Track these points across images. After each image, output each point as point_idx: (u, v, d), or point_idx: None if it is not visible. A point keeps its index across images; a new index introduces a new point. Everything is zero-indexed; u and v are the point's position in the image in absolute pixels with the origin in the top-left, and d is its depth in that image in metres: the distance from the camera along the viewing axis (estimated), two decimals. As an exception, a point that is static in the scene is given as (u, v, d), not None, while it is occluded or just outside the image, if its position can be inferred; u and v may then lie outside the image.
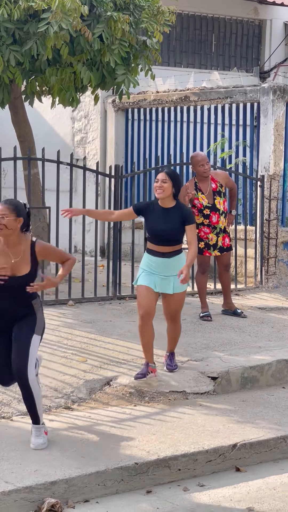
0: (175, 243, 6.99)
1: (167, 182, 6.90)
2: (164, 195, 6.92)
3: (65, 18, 8.06)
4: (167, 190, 6.91)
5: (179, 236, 7.00)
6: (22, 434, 5.78)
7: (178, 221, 6.93)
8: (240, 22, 16.86)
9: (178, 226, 6.93)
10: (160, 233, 6.92)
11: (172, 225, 6.91)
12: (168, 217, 6.93)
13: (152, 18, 9.07)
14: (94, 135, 13.69)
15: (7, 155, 9.00)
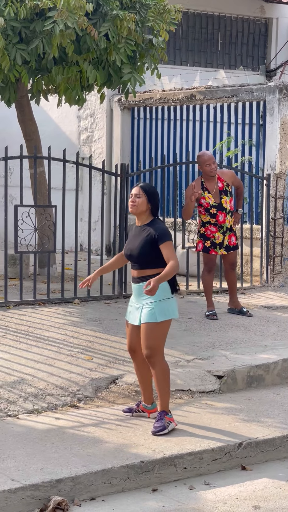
0: (144, 267, 6.00)
1: (141, 197, 6.04)
2: (137, 211, 6.06)
3: (71, 16, 8.07)
4: (141, 205, 6.04)
5: (148, 258, 5.97)
6: (28, 432, 5.79)
7: (147, 240, 5.98)
8: (246, 20, 16.85)
9: (147, 246, 5.97)
10: (128, 253, 6.11)
11: (139, 244, 6.01)
12: (139, 236, 6.06)
13: (158, 16, 9.07)
14: (100, 133, 13.69)
15: (13, 154, 9.02)
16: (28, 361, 7.09)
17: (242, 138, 11.58)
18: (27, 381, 6.71)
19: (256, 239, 10.80)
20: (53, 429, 5.88)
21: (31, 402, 6.41)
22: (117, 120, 13.46)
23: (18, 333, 7.78)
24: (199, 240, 9.05)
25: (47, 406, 6.40)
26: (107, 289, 9.61)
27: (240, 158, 11.43)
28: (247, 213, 11.17)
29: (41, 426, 5.96)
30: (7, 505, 4.80)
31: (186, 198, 8.81)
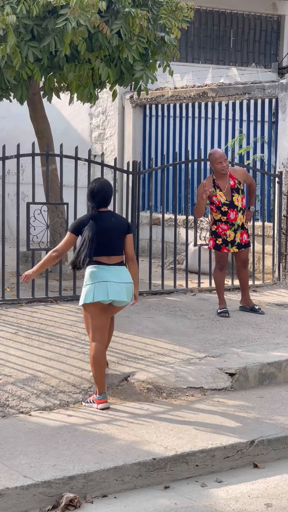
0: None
1: None
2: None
3: (83, 14, 8.08)
4: None
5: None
6: (40, 429, 5.81)
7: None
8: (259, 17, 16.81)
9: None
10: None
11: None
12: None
13: (170, 14, 9.07)
14: (112, 131, 13.70)
15: (26, 151, 9.03)
16: (40, 358, 7.10)
17: (254, 135, 11.56)
18: (39, 378, 6.72)
19: (268, 236, 10.78)
20: (65, 426, 5.89)
21: (43, 399, 6.42)
22: (129, 117, 13.45)
23: (30, 330, 7.80)
24: (210, 238, 9.05)
25: (59, 403, 6.41)
26: (119, 286, 9.60)
27: (252, 156, 11.41)
28: (259, 211, 11.15)
29: (53, 423, 5.97)
30: (19, 501, 4.81)
31: (198, 196, 8.80)
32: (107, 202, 6.49)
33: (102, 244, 6.35)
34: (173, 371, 7.02)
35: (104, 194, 6.46)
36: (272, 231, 10.79)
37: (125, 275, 6.42)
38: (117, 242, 6.44)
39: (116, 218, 6.57)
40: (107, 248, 6.37)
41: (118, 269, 6.40)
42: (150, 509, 4.89)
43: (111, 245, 6.39)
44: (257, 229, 10.74)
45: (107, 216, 6.46)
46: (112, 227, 6.41)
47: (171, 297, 9.50)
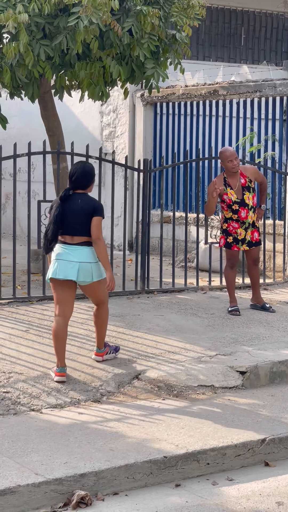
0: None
1: None
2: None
3: (95, 12, 8.07)
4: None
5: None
6: (51, 427, 5.82)
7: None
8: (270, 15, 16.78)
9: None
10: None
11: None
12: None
13: (182, 12, 9.05)
14: (123, 129, 13.70)
15: (36, 149, 9.04)
16: (51, 356, 7.11)
17: (265, 133, 11.55)
18: (50, 376, 6.73)
19: (279, 234, 10.76)
20: (76, 424, 5.90)
21: (54, 397, 6.44)
22: (140, 115, 13.46)
23: (41, 328, 7.81)
24: (221, 236, 9.05)
25: (70, 401, 6.42)
26: (129, 284, 9.62)
27: (263, 154, 11.40)
28: (270, 209, 11.13)
29: (64, 420, 5.98)
30: (30, 499, 4.82)
31: (208, 194, 8.80)
32: (80, 185, 6.86)
33: (66, 224, 6.75)
34: (184, 369, 7.02)
35: (78, 176, 6.86)
36: (283, 229, 10.77)
37: (85, 255, 6.74)
38: (81, 223, 6.75)
39: (84, 200, 6.83)
40: (70, 228, 6.75)
41: (79, 248, 6.75)
42: (161, 507, 4.90)
43: (73, 226, 6.75)
44: (268, 227, 10.72)
45: (76, 198, 6.81)
46: (77, 209, 6.76)
47: (182, 295, 9.50)
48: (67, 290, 6.78)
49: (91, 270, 6.74)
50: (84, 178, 6.88)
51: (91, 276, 6.75)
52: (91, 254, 6.78)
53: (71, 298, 6.85)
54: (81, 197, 6.85)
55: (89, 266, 6.73)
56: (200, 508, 4.89)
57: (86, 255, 6.75)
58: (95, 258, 6.79)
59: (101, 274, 6.83)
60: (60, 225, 6.73)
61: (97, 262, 6.79)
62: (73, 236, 6.77)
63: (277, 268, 10.74)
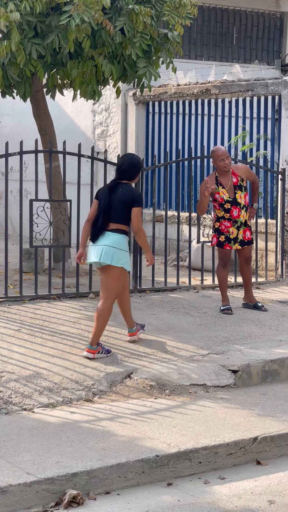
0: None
1: None
2: None
3: (87, 11, 8.07)
4: None
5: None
6: (43, 426, 5.81)
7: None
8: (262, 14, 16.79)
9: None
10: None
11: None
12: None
13: (174, 11, 9.05)
14: (115, 128, 13.69)
15: (28, 148, 9.03)
16: (43, 355, 7.11)
17: (257, 132, 11.56)
18: (42, 375, 6.73)
19: (271, 233, 10.77)
20: (68, 423, 5.90)
21: (46, 396, 6.43)
22: (132, 114, 13.45)
23: (33, 327, 7.80)
24: (213, 235, 9.05)
25: (62, 400, 6.42)
26: (121, 283, 9.60)
27: (255, 153, 11.41)
28: (262, 208, 11.14)
29: (56, 420, 5.98)
30: (22, 498, 4.82)
31: (200, 193, 8.80)
32: (127, 176, 7.27)
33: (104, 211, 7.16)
34: (176, 368, 7.02)
35: (126, 168, 7.28)
36: (275, 228, 10.78)
37: (113, 240, 7.12)
38: (119, 211, 7.15)
39: (124, 190, 7.22)
40: (109, 216, 7.16)
41: (111, 234, 7.15)
42: (153, 506, 4.90)
43: (112, 213, 7.15)
44: (260, 226, 10.73)
45: (118, 187, 7.23)
46: (117, 197, 7.18)
47: (174, 294, 9.50)
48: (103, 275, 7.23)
49: (113, 254, 7.10)
50: (131, 170, 7.30)
51: (111, 259, 7.09)
52: (120, 241, 7.15)
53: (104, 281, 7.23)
54: (122, 186, 7.24)
55: (112, 250, 7.10)
56: (192, 507, 4.90)
57: (114, 240, 7.13)
58: (122, 245, 7.16)
59: (122, 263, 7.15)
60: (108, 215, 7.14)
61: (122, 250, 7.15)
62: (110, 223, 7.17)
63: (269, 267, 10.75)
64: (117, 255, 7.10)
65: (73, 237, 9.46)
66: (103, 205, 7.17)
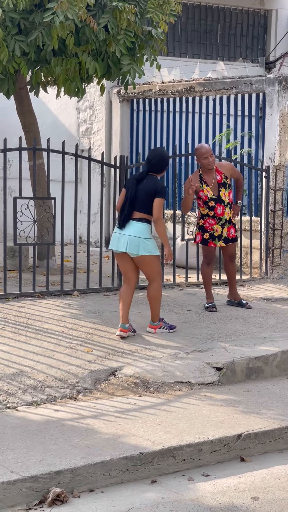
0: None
1: None
2: None
3: (71, 8, 8.05)
4: None
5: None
6: (27, 424, 5.80)
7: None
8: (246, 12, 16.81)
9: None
10: None
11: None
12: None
13: (158, 8, 9.04)
14: (99, 125, 13.67)
15: (12, 146, 9.00)
16: (27, 353, 7.09)
17: (241, 130, 11.57)
18: (26, 373, 6.71)
19: (255, 231, 10.80)
20: (52, 421, 5.89)
21: (30, 394, 6.42)
22: (116, 112, 13.43)
23: (17, 325, 7.78)
24: (198, 232, 9.05)
25: (46, 398, 6.40)
26: (106, 281, 9.61)
27: (240, 150, 11.42)
28: (246, 205, 11.16)
29: (40, 418, 5.97)
30: (6, 497, 4.80)
31: (184, 191, 8.81)
32: (155, 169, 7.72)
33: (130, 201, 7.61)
34: (161, 365, 7.02)
35: (155, 162, 7.70)
36: (259, 225, 10.80)
37: (137, 230, 7.57)
38: (143, 201, 7.59)
39: (149, 181, 7.66)
40: (133, 205, 7.60)
41: (135, 223, 7.60)
42: (137, 503, 4.90)
43: (137, 203, 7.59)
44: (244, 223, 10.75)
45: (144, 178, 7.67)
46: (142, 187, 7.61)
47: (159, 292, 9.49)
48: (125, 261, 7.70)
49: (138, 244, 7.53)
50: (160, 164, 7.73)
51: (138, 249, 7.54)
52: (144, 230, 7.60)
53: (131, 268, 7.73)
54: (148, 178, 7.69)
55: (137, 240, 7.54)
56: (176, 504, 4.90)
57: (138, 230, 7.57)
58: (146, 234, 7.59)
59: (150, 251, 7.59)
60: (133, 204, 7.59)
61: (147, 238, 7.58)
62: (135, 212, 7.61)
63: (253, 264, 10.77)
64: (143, 244, 7.55)
65: (57, 235, 9.45)
66: (130, 194, 7.61)
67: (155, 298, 7.80)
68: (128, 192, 7.65)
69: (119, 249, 7.62)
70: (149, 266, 7.69)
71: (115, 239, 7.66)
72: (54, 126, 13.72)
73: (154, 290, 7.79)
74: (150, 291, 7.81)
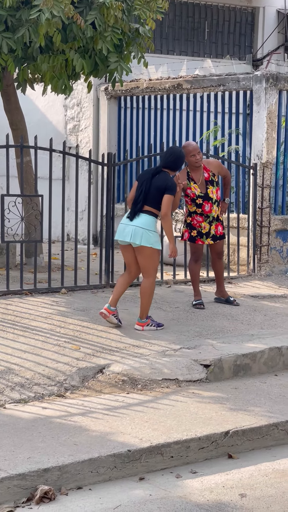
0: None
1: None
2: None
3: (56, 5, 8.02)
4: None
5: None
6: (15, 422, 5.79)
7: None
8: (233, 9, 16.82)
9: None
10: None
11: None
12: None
13: (145, 5, 9.03)
14: (87, 123, 13.66)
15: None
16: (15, 351, 7.08)
17: (229, 127, 11.58)
18: (13, 370, 6.70)
19: (243, 228, 10.81)
20: (40, 419, 5.88)
21: (18, 392, 6.41)
22: (104, 109, 13.42)
23: (4, 323, 7.77)
24: (185, 230, 9.06)
25: (34, 395, 6.40)
26: (94, 278, 9.60)
27: (227, 148, 11.43)
28: (234, 203, 11.17)
29: (28, 415, 5.96)
30: (-6, 494, 4.80)
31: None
32: (170, 167, 7.90)
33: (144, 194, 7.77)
34: (148, 363, 7.03)
35: (171, 159, 7.89)
36: (247, 223, 10.82)
37: (143, 221, 7.70)
38: (153, 195, 7.75)
39: (160, 177, 7.83)
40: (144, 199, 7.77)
41: (142, 215, 7.74)
42: (125, 501, 4.90)
43: (147, 197, 7.76)
44: (232, 221, 10.76)
45: (156, 174, 7.84)
46: (153, 182, 7.79)
47: (146, 289, 9.48)
48: (129, 252, 7.84)
49: (142, 235, 7.64)
50: (175, 162, 7.93)
51: (140, 239, 7.65)
52: (149, 222, 7.72)
53: (133, 259, 7.85)
54: (161, 174, 7.87)
55: (141, 231, 7.65)
56: (163, 501, 4.90)
57: (144, 221, 7.70)
58: (151, 226, 7.72)
59: (151, 243, 7.69)
60: (146, 197, 7.76)
61: (151, 230, 7.69)
62: (145, 205, 7.76)
63: (241, 261, 10.78)
64: (146, 236, 7.65)
65: (44, 232, 9.43)
66: (145, 187, 7.77)
67: (148, 294, 7.84)
68: (143, 186, 7.79)
69: (125, 239, 7.73)
70: (147, 259, 7.74)
71: (121, 230, 7.79)
72: (41, 124, 13.69)
73: (148, 286, 7.83)
74: (143, 286, 7.85)
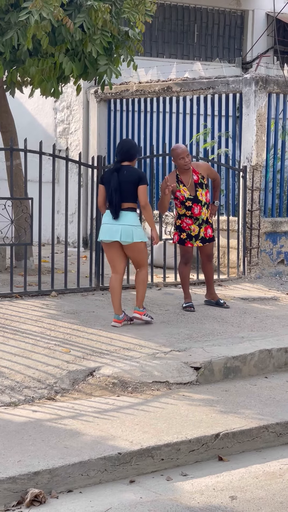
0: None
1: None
2: None
3: (45, 7, 8.02)
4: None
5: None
6: (5, 425, 5.78)
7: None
8: (223, 12, 16.85)
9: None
10: None
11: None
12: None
13: (134, 8, 9.04)
14: (77, 125, 13.66)
15: (-11, 146, 8.97)
16: (5, 354, 7.07)
17: (218, 130, 11.60)
18: (4, 373, 6.69)
19: (232, 231, 10.83)
20: (30, 422, 5.87)
21: (8, 395, 6.39)
22: (94, 112, 13.43)
23: (-6, 326, 7.76)
24: (175, 232, 9.07)
25: (24, 398, 6.39)
26: (84, 281, 9.59)
27: (217, 150, 11.45)
28: (223, 205, 11.19)
29: (18, 418, 5.94)
30: (-16, 498, 4.78)
31: (161, 191, 8.82)
32: (127, 157, 7.95)
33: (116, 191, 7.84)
34: (139, 365, 7.02)
35: (124, 150, 7.98)
36: (237, 225, 10.84)
37: (128, 218, 7.87)
38: (128, 191, 7.86)
39: (129, 171, 7.91)
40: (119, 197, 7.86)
41: (125, 213, 7.89)
42: (115, 504, 4.90)
43: (122, 193, 7.86)
44: (222, 223, 10.78)
45: (122, 169, 7.91)
46: (124, 179, 7.87)
47: (137, 292, 9.49)
48: (114, 250, 7.99)
49: (132, 232, 7.85)
50: (131, 151, 8.00)
51: (132, 237, 7.87)
52: (134, 218, 7.93)
53: (120, 257, 8.04)
54: (126, 168, 7.93)
55: (131, 229, 7.86)
56: (154, 504, 4.90)
57: (129, 219, 7.89)
58: (137, 222, 7.96)
59: (141, 237, 7.95)
60: (120, 194, 7.83)
61: (138, 226, 7.94)
62: (122, 203, 7.88)
63: (231, 264, 10.80)
64: (136, 232, 7.89)
65: (34, 235, 9.42)
66: (114, 185, 7.84)
67: (144, 282, 8.17)
68: (112, 186, 7.86)
69: (113, 238, 7.87)
70: (140, 252, 8.03)
71: (107, 230, 7.92)
72: (31, 127, 13.68)
73: (144, 275, 8.16)
74: (140, 276, 8.14)
